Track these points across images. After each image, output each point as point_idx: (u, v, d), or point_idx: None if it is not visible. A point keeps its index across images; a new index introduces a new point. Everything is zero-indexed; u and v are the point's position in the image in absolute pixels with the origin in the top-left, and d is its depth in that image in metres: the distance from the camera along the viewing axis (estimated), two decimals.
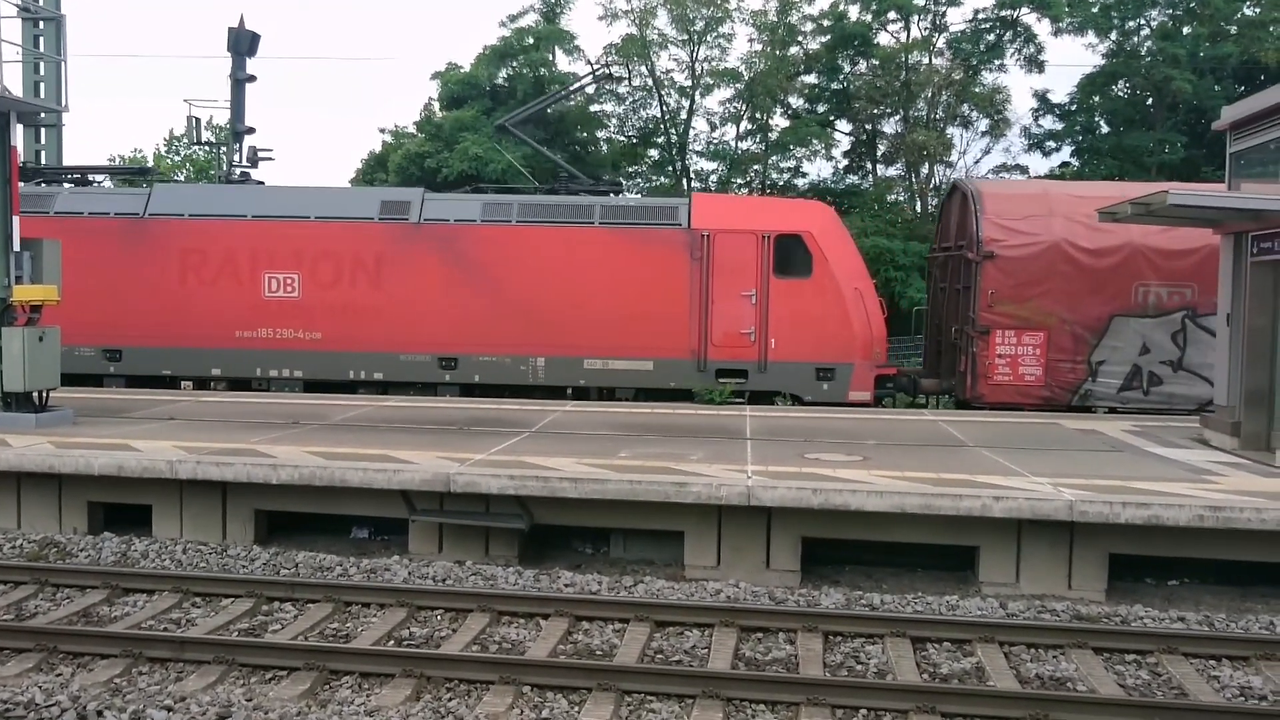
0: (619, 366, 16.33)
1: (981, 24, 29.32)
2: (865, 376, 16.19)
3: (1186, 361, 15.74)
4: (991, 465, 10.46)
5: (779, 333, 16.16)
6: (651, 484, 9.39)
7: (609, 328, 16.11)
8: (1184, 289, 15.64)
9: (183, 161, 40.12)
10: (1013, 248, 15.88)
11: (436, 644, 7.68)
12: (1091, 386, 15.90)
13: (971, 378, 16.20)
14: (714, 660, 7.34)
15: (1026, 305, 15.79)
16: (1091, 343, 15.80)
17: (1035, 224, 16.03)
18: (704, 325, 16.22)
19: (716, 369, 16.29)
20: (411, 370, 16.57)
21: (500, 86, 28.65)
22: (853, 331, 16.11)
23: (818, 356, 16.16)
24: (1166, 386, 15.81)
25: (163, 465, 10.14)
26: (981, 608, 8.59)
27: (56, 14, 17.17)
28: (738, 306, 16.21)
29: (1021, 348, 15.90)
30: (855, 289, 16.22)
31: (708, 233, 16.21)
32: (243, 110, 19.67)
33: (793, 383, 16.30)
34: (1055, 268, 15.78)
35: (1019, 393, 16.01)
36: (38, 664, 7.19)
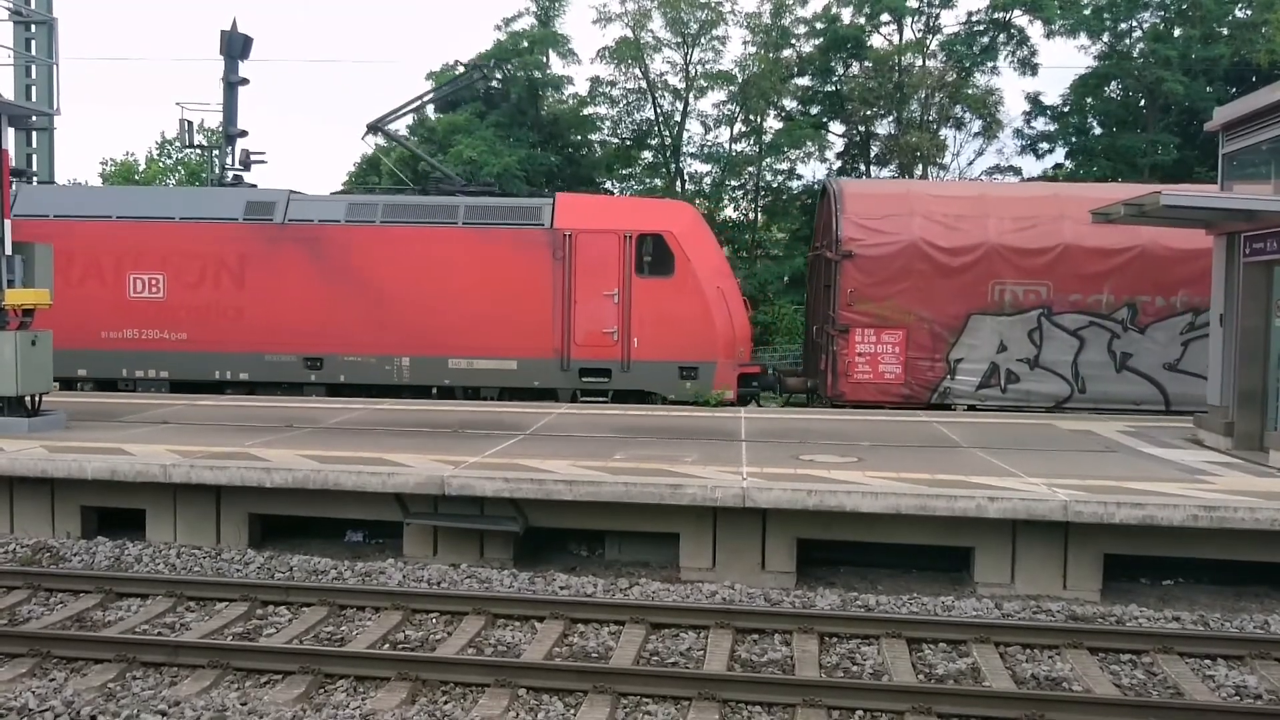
0: (484, 366, 16.47)
1: (974, 26, 29.39)
2: (728, 375, 16.37)
3: (1043, 359, 16.04)
4: (986, 466, 10.48)
5: (642, 332, 16.30)
6: (646, 486, 9.38)
7: (473, 327, 16.26)
8: (1039, 287, 15.92)
9: (174, 165, 40.02)
10: (871, 247, 16.13)
11: (432, 647, 7.66)
12: (950, 384, 16.17)
13: (832, 376, 16.41)
14: (710, 662, 7.33)
15: (885, 304, 16.05)
16: (950, 341, 16.07)
17: (894, 223, 16.29)
18: (567, 325, 16.36)
19: (580, 368, 16.44)
20: (277, 370, 16.68)
21: (494, 89, 28.66)
22: (715, 330, 16.25)
23: (680, 355, 16.29)
24: (1024, 384, 16.10)
25: (156, 469, 10.11)
26: (977, 608, 8.59)
27: (48, 17, 17.18)
28: (600, 306, 16.34)
29: (881, 346, 16.16)
30: (717, 288, 16.36)
31: (570, 233, 16.35)
32: (235, 113, 19.66)
33: (656, 381, 16.42)
34: (913, 266, 16.05)
35: (879, 390, 16.26)
36: (31, 669, 7.15)
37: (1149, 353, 15.92)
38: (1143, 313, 15.89)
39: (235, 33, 19.48)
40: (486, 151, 25.91)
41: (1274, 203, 11.25)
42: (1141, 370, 15.98)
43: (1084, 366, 16.01)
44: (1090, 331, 15.97)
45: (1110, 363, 15.98)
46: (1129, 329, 15.92)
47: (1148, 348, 15.92)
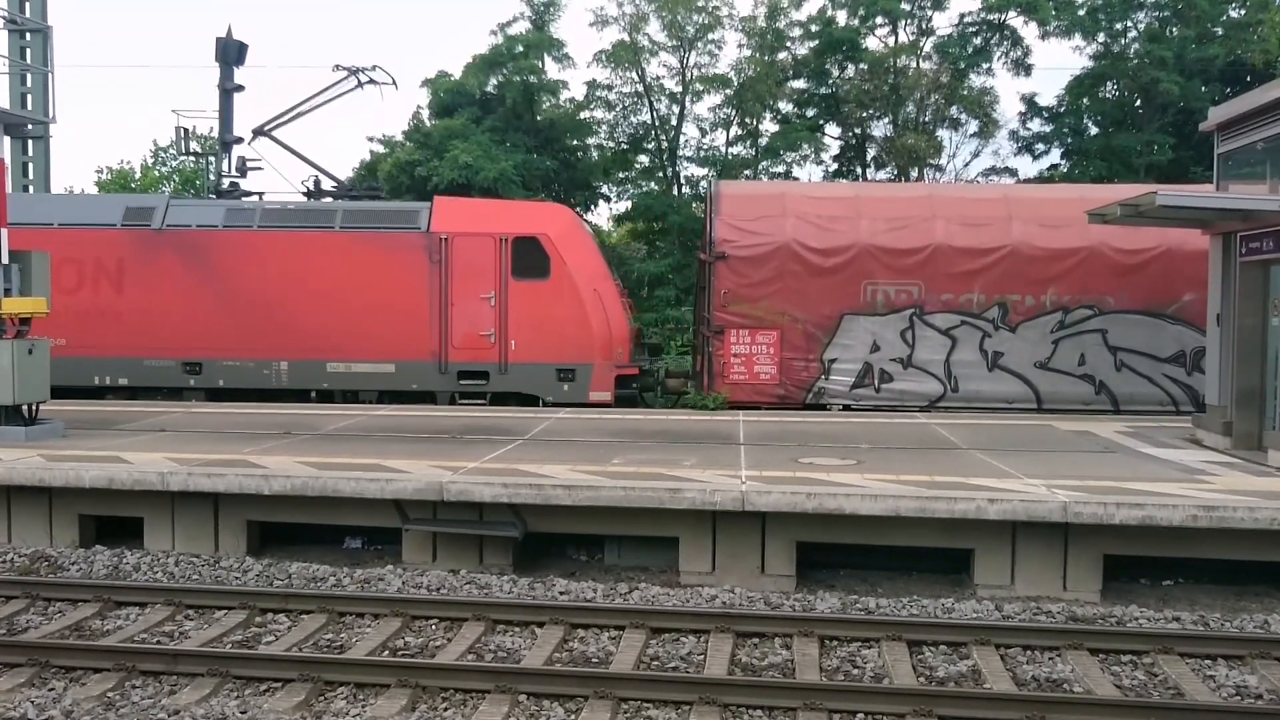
0: (362, 369, 16.55)
1: (968, 27, 29.42)
2: (605, 377, 16.39)
3: (915, 358, 16.18)
4: (985, 468, 10.47)
5: (519, 334, 16.37)
6: (645, 490, 9.37)
7: (351, 331, 16.32)
8: (911, 287, 16.09)
9: (170, 173, 39.99)
10: (744, 248, 16.26)
11: (431, 653, 7.65)
12: (825, 384, 16.29)
13: (709, 376, 16.53)
14: (710, 666, 7.32)
15: (759, 305, 16.18)
16: (824, 341, 16.20)
17: (767, 225, 16.41)
18: (444, 328, 16.43)
19: (458, 371, 16.52)
20: (156, 375, 16.70)
21: (490, 94, 28.63)
22: (591, 332, 16.30)
23: (558, 358, 16.37)
24: (897, 383, 16.23)
25: (154, 477, 10.09)
26: (977, 610, 8.58)
27: (43, 25, 17.17)
28: (477, 309, 16.42)
29: (756, 346, 16.28)
30: (594, 290, 16.42)
31: (446, 236, 16.42)
32: (231, 120, 19.64)
33: (534, 384, 16.48)
34: (786, 267, 16.17)
35: (755, 391, 16.36)
36: (30, 679, 7.13)
37: (1020, 351, 16.08)
38: (1013, 312, 16.06)
39: (230, 39, 19.46)
40: (482, 156, 25.87)
41: (1270, 202, 11.27)
42: (1012, 369, 16.13)
43: (956, 366, 16.16)
44: (962, 331, 16.14)
45: (982, 361, 16.14)
46: (1000, 328, 16.09)
47: (1019, 346, 16.08)
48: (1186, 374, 15.91)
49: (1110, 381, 16.03)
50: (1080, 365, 16.00)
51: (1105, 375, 16.02)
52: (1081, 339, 15.99)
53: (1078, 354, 15.99)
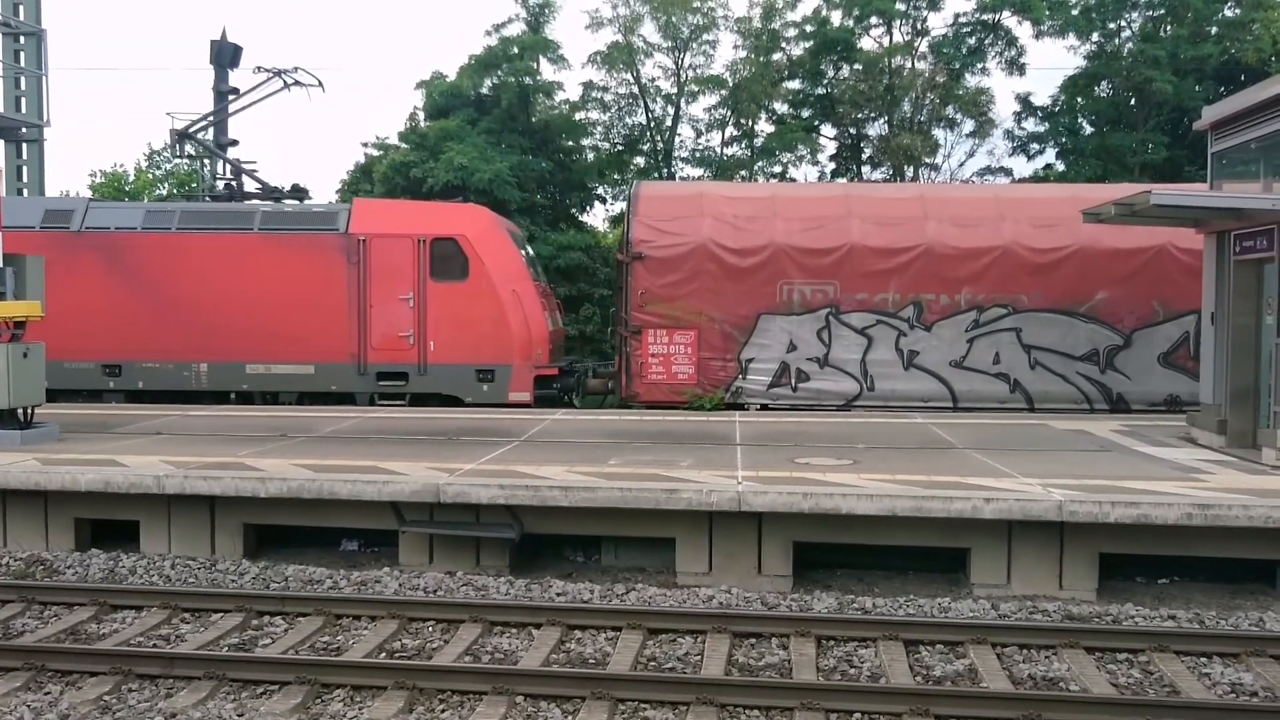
0: (281, 371, 16.62)
1: (963, 27, 29.47)
2: (524, 377, 16.47)
3: (832, 357, 16.29)
4: (981, 467, 10.49)
5: (438, 335, 16.43)
6: (642, 491, 9.38)
7: (270, 333, 16.37)
8: (826, 287, 16.21)
9: (164, 176, 39.92)
10: (661, 248, 16.36)
11: (428, 655, 7.65)
12: (742, 384, 16.36)
13: (627, 376, 16.60)
14: (708, 667, 7.33)
15: (676, 305, 16.28)
16: (741, 341, 16.28)
17: (684, 225, 16.50)
18: (363, 329, 16.51)
19: (377, 372, 16.58)
20: (76, 378, 16.73)
21: (485, 95, 28.63)
22: (510, 333, 16.38)
23: (477, 358, 16.43)
24: (814, 382, 16.32)
25: (150, 480, 10.08)
26: (973, 609, 8.60)
27: (37, 29, 17.15)
28: (396, 310, 16.47)
29: (673, 346, 16.36)
30: (513, 291, 16.48)
31: (364, 237, 16.50)
32: (225, 123, 19.63)
33: (453, 385, 16.52)
34: (703, 267, 16.27)
35: (673, 391, 16.45)
36: (26, 683, 7.12)
37: (935, 350, 16.18)
38: (928, 311, 16.17)
39: (225, 42, 19.48)
40: (478, 158, 25.87)
41: (1263, 201, 11.30)
42: (928, 367, 16.23)
43: (872, 364, 16.26)
44: (878, 330, 16.23)
45: (898, 360, 16.24)
46: (915, 327, 16.19)
47: (934, 345, 16.18)
48: (1100, 372, 16.07)
49: (1024, 380, 16.13)
50: (995, 364, 16.12)
51: (1020, 374, 16.13)
52: (996, 338, 16.12)
53: (992, 352, 16.10)
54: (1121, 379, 16.03)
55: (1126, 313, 15.99)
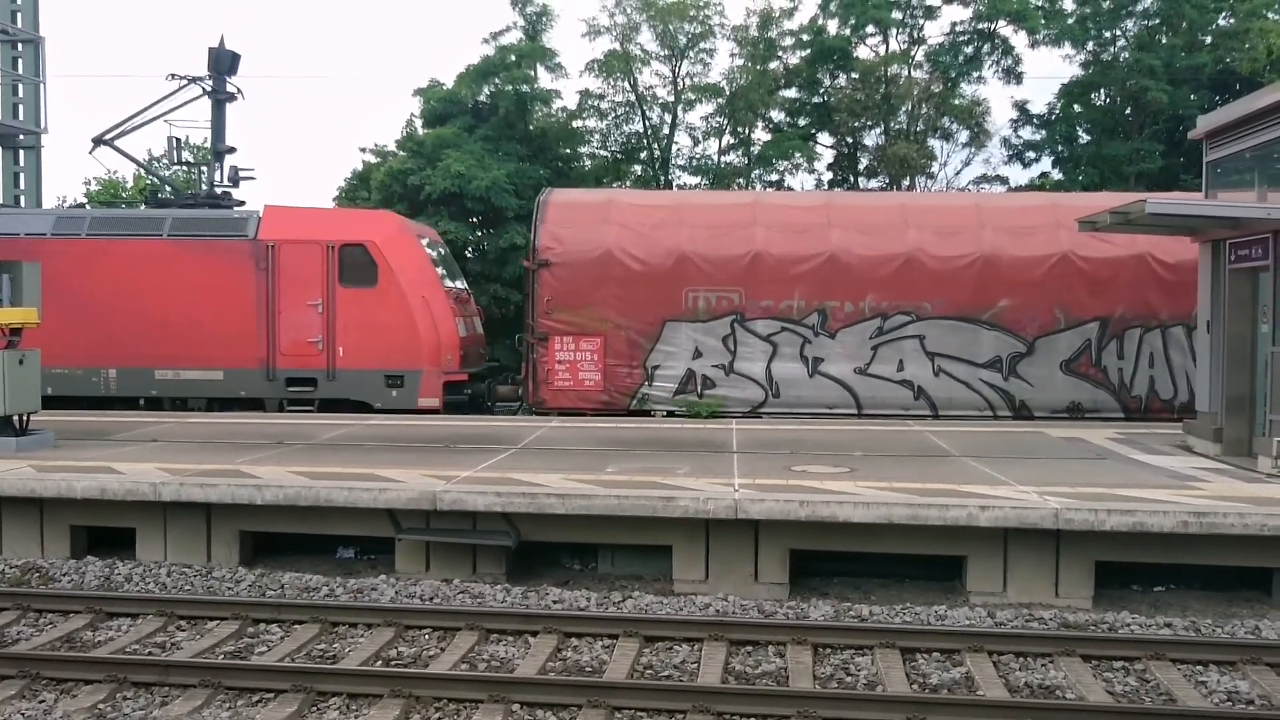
0: (190, 377, 16.59)
1: (959, 36, 29.57)
2: (434, 383, 16.44)
3: (737, 365, 16.37)
4: (977, 475, 10.50)
5: (347, 341, 16.44)
6: (639, 499, 9.38)
7: (179, 339, 16.35)
8: (732, 294, 16.29)
9: (162, 183, 39.91)
10: (567, 255, 16.45)
11: (425, 663, 7.63)
12: (648, 390, 16.45)
13: (534, 383, 16.65)
14: (704, 674, 7.32)
15: (582, 312, 16.39)
16: (646, 348, 16.38)
17: (590, 232, 16.63)
18: (271, 335, 16.49)
19: (286, 378, 16.57)
20: None
21: (483, 103, 28.67)
22: (419, 339, 16.38)
23: (386, 364, 16.41)
24: (719, 389, 16.42)
25: (146, 488, 10.06)
26: (970, 617, 8.60)
27: (35, 36, 17.16)
28: (305, 316, 16.46)
29: (580, 353, 16.44)
30: (422, 297, 16.54)
31: (273, 243, 16.50)
32: (223, 130, 19.64)
33: (363, 390, 16.51)
34: (609, 274, 16.36)
35: (580, 398, 16.51)
36: (20, 691, 7.10)
37: (840, 357, 16.26)
38: (833, 318, 16.26)
39: (223, 49, 19.46)
40: (475, 165, 25.89)
41: (1257, 210, 11.34)
42: (832, 375, 16.30)
43: (777, 372, 16.31)
44: (782, 337, 16.31)
45: (803, 367, 16.31)
46: (820, 334, 16.27)
47: (839, 352, 16.27)
48: (1003, 379, 16.18)
49: (928, 387, 16.24)
50: (899, 371, 16.21)
51: (923, 380, 16.23)
52: (900, 345, 16.22)
53: (896, 360, 16.21)
54: (1024, 386, 16.14)
55: (1029, 320, 16.09)
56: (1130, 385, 16.00)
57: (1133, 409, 15.99)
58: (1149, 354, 15.96)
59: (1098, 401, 16.01)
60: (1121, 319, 15.96)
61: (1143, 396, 15.99)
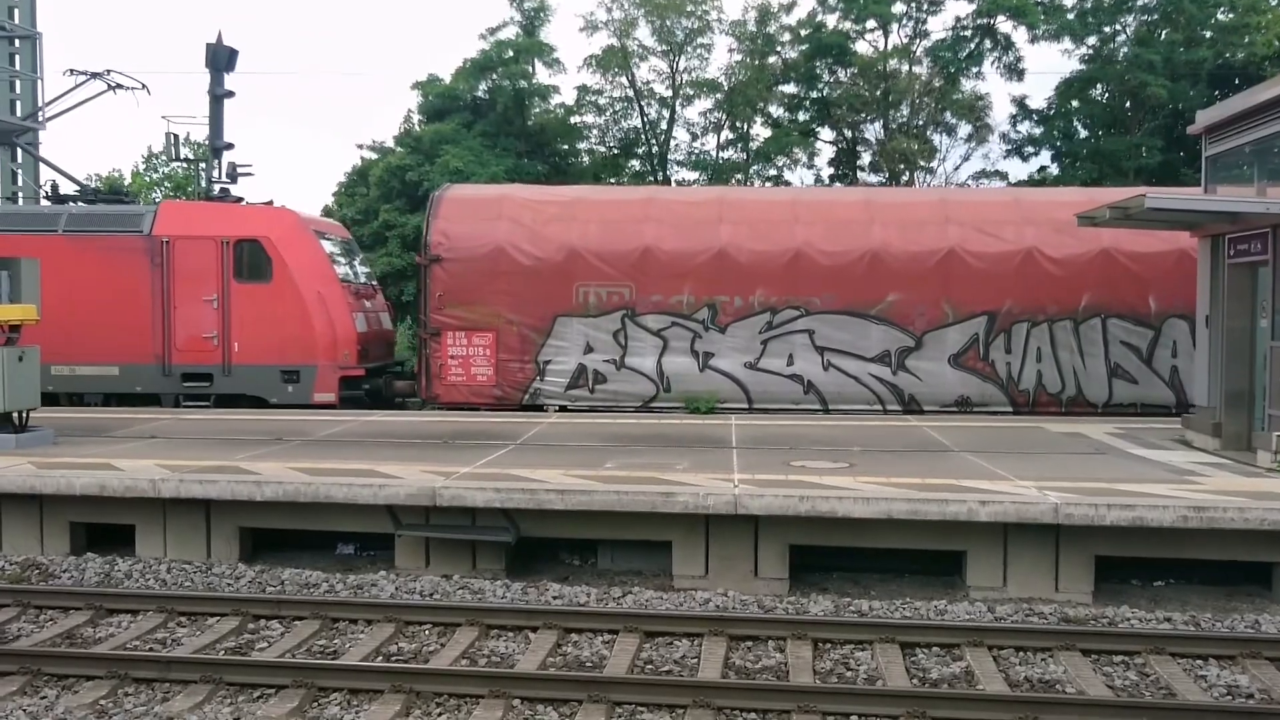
0: (86, 372, 16.64)
1: (960, 31, 29.56)
2: (329, 378, 16.54)
3: (628, 360, 16.45)
4: (977, 470, 10.51)
5: (242, 336, 16.47)
6: (638, 494, 9.38)
7: (74, 334, 16.30)
8: (622, 289, 16.38)
9: (161, 179, 39.90)
10: (458, 251, 16.52)
11: (425, 659, 7.64)
12: (541, 385, 16.56)
13: (426, 378, 16.74)
14: (704, 669, 7.33)
15: (475, 308, 16.48)
16: (538, 343, 16.48)
17: (482, 228, 16.71)
18: (167, 331, 16.57)
19: (181, 373, 16.66)
20: None
21: (481, 99, 28.66)
22: (314, 334, 16.45)
23: (281, 359, 16.49)
24: (611, 384, 16.50)
25: (145, 484, 10.06)
26: (970, 612, 8.60)
27: (32, 32, 17.13)
28: (200, 311, 16.53)
29: (472, 348, 16.53)
30: (318, 292, 16.62)
31: (168, 239, 16.55)
32: (221, 126, 19.61)
33: (258, 385, 16.55)
34: (500, 270, 16.44)
35: (473, 392, 16.60)
36: (21, 687, 7.10)
37: (730, 352, 16.34)
38: (722, 312, 16.30)
39: (220, 45, 19.43)
40: (473, 161, 25.89)
41: (1256, 204, 11.34)
42: (723, 369, 16.37)
43: (668, 366, 16.39)
44: (673, 332, 16.40)
45: (694, 362, 16.37)
46: (710, 329, 16.32)
47: (729, 347, 16.33)
48: (892, 373, 16.23)
49: (818, 381, 16.30)
50: (789, 365, 16.27)
51: (813, 375, 16.29)
52: (789, 339, 16.28)
53: (786, 354, 16.27)
54: (913, 380, 16.20)
55: (917, 315, 16.15)
56: (1018, 379, 16.06)
57: (1020, 403, 16.09)
58: (1036, 348, 16.02)
59: (986, 395, 16.10)
60: (1009, 313, 16.01)
61: (1030, 391, 16.06)
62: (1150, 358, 15.91)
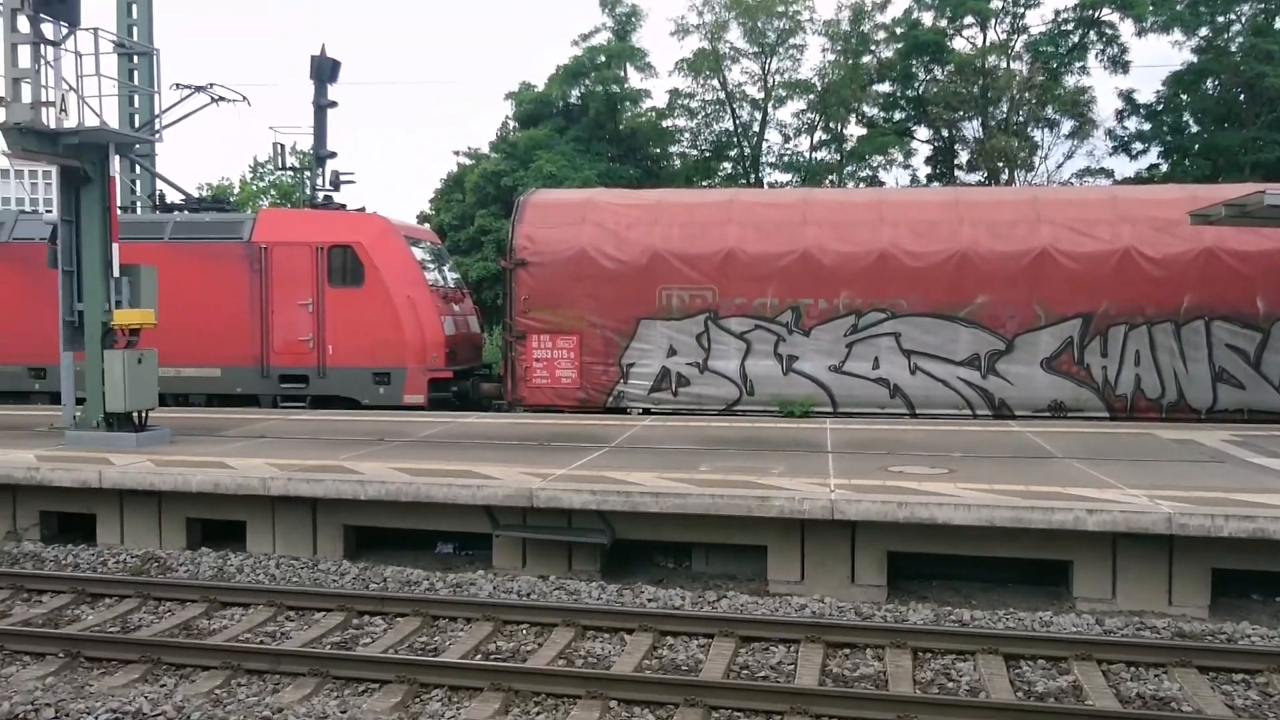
0: (190, 374, 17.16)
1: (1062, 25, 28.67)
2: (419, 381, 16.77)
3: (711, 362, 16.15)
4: (1083, 477, 10.17)
5: (335, 339, 16.89)
6: (733, 498, 9.34)
7: (180, 337, 16.52)
8: (705, 292, 16.14)
9: (268, 187, 41.36)
10: (543, 254, 16.51)
11: (523, 658, 7.74)
12: (624, 388, 16.39)
13: (512, 380, 16.70)
14: (801, 676, 7.26)
15: (559, 311, 16.41)
16: (622, 346, 16.33)
17: (566, 232, 16.67)
18: (265, 334, 17.03)
19: (279, 375, 17.07)
20: (6, 380, 17.78)
21: (573, 104, 28.96)
22: (404, 337, 16.73)
23: (373, 362, 16.82)
24: (694, 387, 16.24)
25: (255, 482, 10.43)
26: (1077, 624, 8.34)
27: (149, 48, 17.91)
28: (296, 315, 16.97)
29: (557, 351, 16.52)
30: (407, 296, 16.84)
31: (266, 246, 17.06)
32: (325, 135, 20.22)
33: (351, 387, 16.91)
34: (583, 273, 16.33)
35: (557, 395, 16.54)
36: (143, 675, 7.43)
37: (814, 354, 15.95)
38: (806, 315, 15.94)
39: (324, 57, 20.05)
40: (566, 166, 26.18)
41: None
42: (807, 372, 15.99)
43: (751, 369, 16.08)
44: (756, 334, 16.08)
45: (777, 365, 16.02)
46: (794, 331, 15.96)
47: (813, 349, 15.95)
48: (981, 377, 15.65)
49: (904, 384, 15.86)
50: (875, 368, 15.87)
51: (899, 378, 15.84)
52: (875, 342, 15.88)
53: (872, 357, 15.87)
54: (1004, 384, 15.66)
55: (1008, 317, 15.61)
56: (1115, 384, 15.45)
57: (1118, 409, 15.47)
58: (1134, 352, 15.39)
59: (1081, 400, 15.54)
60: (1105, 315, 15.42)
61: (1128, 396, 15.44)
62: (1258, 361, 15.18)
